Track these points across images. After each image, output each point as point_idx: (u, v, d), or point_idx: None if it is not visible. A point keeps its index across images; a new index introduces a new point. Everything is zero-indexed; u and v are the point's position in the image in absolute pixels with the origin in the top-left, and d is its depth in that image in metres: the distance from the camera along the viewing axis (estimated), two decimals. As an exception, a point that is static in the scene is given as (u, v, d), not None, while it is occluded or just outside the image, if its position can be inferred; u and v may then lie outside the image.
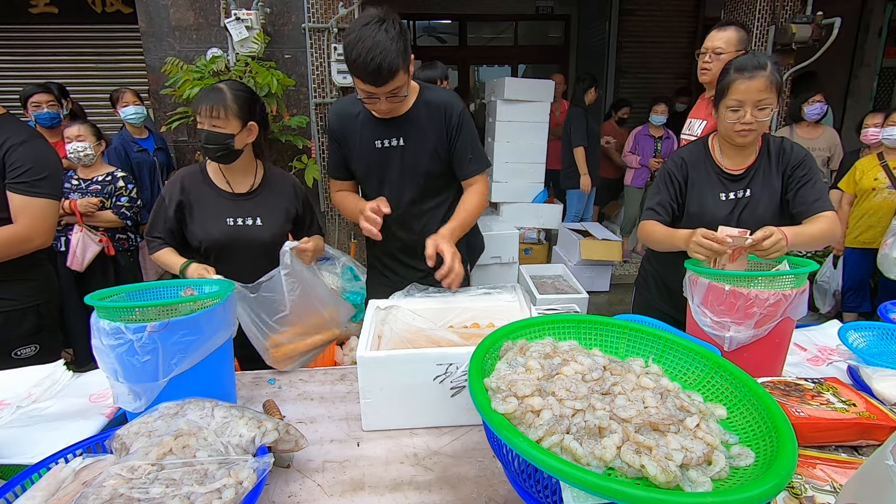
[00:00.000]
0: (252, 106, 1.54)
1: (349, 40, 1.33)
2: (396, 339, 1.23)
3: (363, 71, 1.33)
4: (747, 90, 1.42)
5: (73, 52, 4.98)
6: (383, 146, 1.59)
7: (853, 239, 3.42)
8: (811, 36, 3.90)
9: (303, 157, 3.78)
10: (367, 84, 1.36)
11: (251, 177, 1.63)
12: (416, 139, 1.58)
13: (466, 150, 1.60)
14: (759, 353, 1.22)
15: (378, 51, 1.29)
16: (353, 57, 1.32)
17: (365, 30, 1.30)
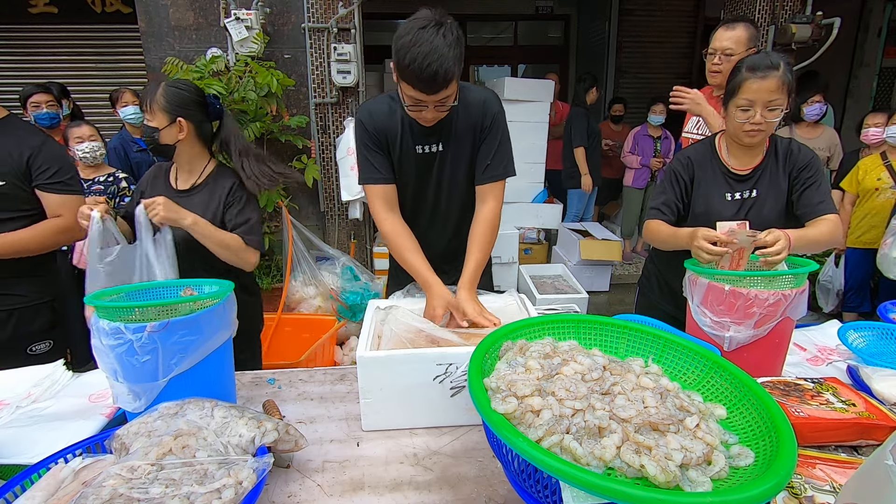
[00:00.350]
0: (185, 103, 1.54)
1: (403, 42, 1.22)
2: (396, 340, 1.23)
3: (416, 77, 1.23)
4: (759, 90, 1.40)
5: (73, 52, 4.99)
6: (423, 152, 1.50)
7: (855, 239, 3.41)
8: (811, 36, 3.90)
9: (302, 156, 3.78)
10: (418, 91, 1.26)
11: (195, 175, 1.63)
12: (455, 145, 1.50)
13: (489, 153, 1.51)
14: (759, 353, 1.22)
15: (435, 56, 1.20)
16: (408, 61, 1.21)
17: (422, 33, 1.20)
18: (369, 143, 1.48)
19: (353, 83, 3.78)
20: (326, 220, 4.16)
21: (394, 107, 1.47)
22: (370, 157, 1.49)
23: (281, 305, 3.30)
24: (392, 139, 1.48)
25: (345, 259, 3.65)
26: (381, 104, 1.49)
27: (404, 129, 1.47)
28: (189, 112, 1.55)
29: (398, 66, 1.25)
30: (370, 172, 1.50)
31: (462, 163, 1.52)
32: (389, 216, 1.52)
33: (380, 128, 1.47)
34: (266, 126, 3.55)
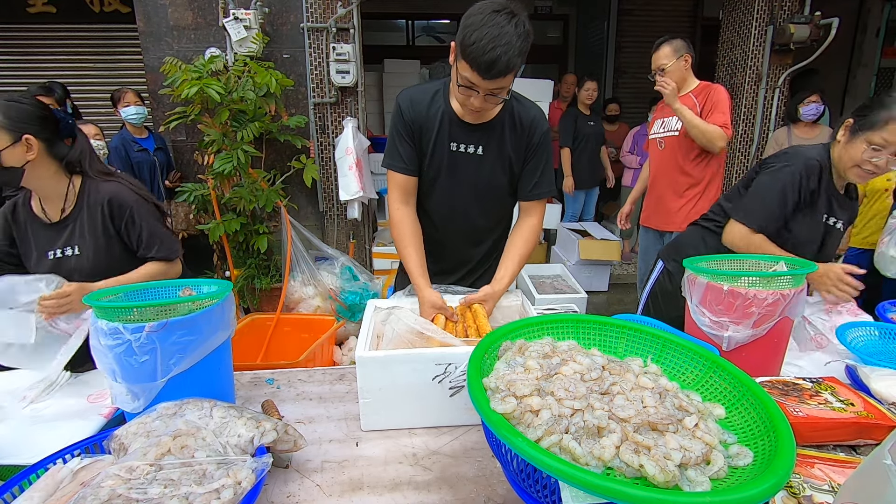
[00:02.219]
0: (28, 118, 1.34)
1: (473, 21, 1.19)
2: (398, 340, 1.23)
3: (478, 57, 1.18)
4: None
5: (72, 51, 4.98)
6: (458, 150, 1.46)
7: (861, 239, 3.39)
8: (809, 36, 3.90)
9: (301, 156, 3.78)
10: (475, 72, 1.21)
11: (61, 199, 1.44)
12: (496, 152, 1.46)
13: (536, 172, 1.49)
14: (758, 353, 1.22)
15: (502, 41, 1.17)
16: (473, 40, 1.18)
17: (495, 17, 1.18)
18: (402, 131, 1.45)
19: (352, 83, 3.78)
20: (325, 220, 4.15)
21: (438, 98, 1.44)
22: (399, 146, 1.46)
23: (280, 305, 3.30)
24: (427, 132, 1.45)
25: (344, 259, 3.64)
26: (425, 94, 1.46)
27: (442, 124, 1.44)
28: (35, 128, 1.35)
29: (461, 44, 1.21)
30: (395, 160, 1.48)
31: (501, 173, 1.49)
32: (402, 207, 1.50)
33: (417, 118, 1.44)
34: (265, 126, 3.55)
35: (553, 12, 7.23)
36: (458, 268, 1.65)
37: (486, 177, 1.49)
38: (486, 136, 1.44)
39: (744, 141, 4.31)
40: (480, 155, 1.46)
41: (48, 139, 1.39)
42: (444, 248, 1.61)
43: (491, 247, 1.65)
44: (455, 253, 1.62)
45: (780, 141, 3.93)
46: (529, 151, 1.47)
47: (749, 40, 4.11)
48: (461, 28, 1.22)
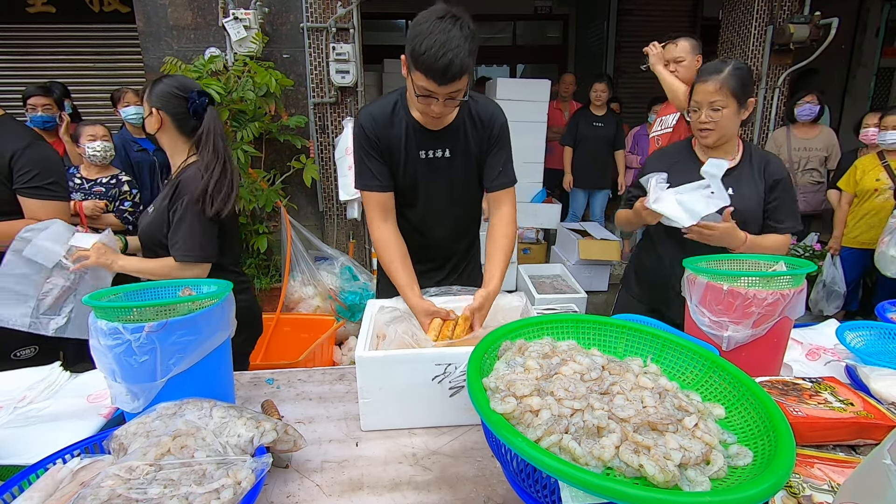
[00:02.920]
0: (163, 96, 1.56)
1: (419, 31, 1.21)
2: (399, 341, 1.23)
3: (430, 66, 1.21)
4: (701, 91, 1.55)
5: (71, 51, 4.98)
6: (428, 157, 1.49)
7: (852, 239, 3.41)
8: (809, 36, 3.90)
9: (301, 156, 3.78)
10: (430, 80, 1.24)
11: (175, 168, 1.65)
12: (463, 151, 1.51)
13: (498, 163, 1.54)
14: (758, 353, 1.22)
15: (451, 46, 1.19)
16: (423, 49, 1.20)
17: (440, 23, 1.20)
18: (369, 150, 1.47)
19: (352, 83, 3.78)
20: (325, 219, 4.15)
21: (399, 110, 1.46)
22: (369, 164, 1.47)
23: (279, 305, 3.30)
24: (395, 145, 1.47)
25: (343, 259, 3.65)
26: (384, 108, 1.47)
27: (408, 135, 1.46)
28: (166, 104, 1.55)
29: (412, 55, 1.23)
30: (368, 179, 1.49)
31: (471, 170, 1.55)
32: (383, 225, 1.51)
33: (382, 134, 1.45)
34: (265, 126, 3.55)
35: (553, 12, 7.23)
36: (445, 264, 1.72)
37: (458, 176, 1.55)
38: (451, 138, 1.49)
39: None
40: (449, 157, 1.51)
41: (177, 115, 1.57)
42: (430, 249, 1.66)
43: (471, 239, 1.74)
44: (440, 251, 1.69)
45: (778, 141, 3.94)
46: (491, 144, 1.52)
47: (749, 40, 4.11)
48: (409, 39, 1.24)
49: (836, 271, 3.57)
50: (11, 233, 1.57)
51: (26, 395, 1.23)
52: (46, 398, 1.23)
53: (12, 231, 1.57)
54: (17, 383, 1.28)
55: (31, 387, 1.26)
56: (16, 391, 1.25)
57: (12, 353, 1.62)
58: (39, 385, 1.27)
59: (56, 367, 1.35)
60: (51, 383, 1.29)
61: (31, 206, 1.59)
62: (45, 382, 1.28)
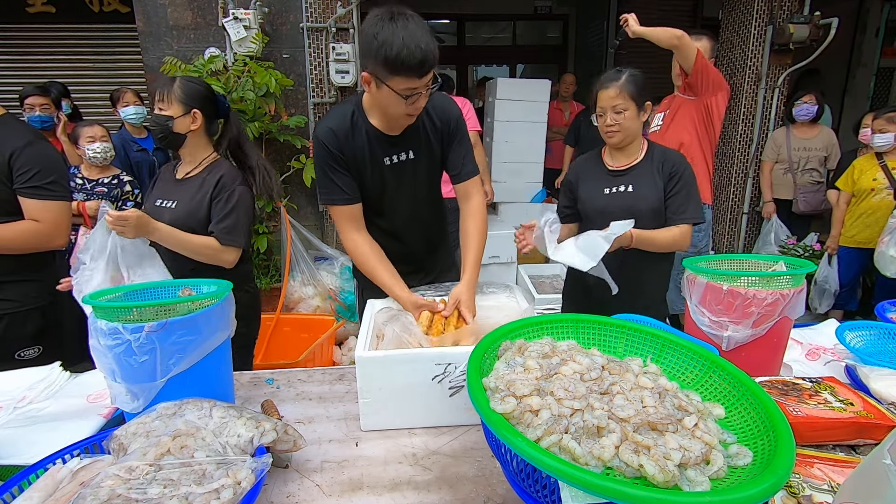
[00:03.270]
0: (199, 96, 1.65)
1: (384, 38, 1.22)
2: (398, 341, 1.23)
3: (411, 62, 1.23)
4: (604, 98, 1.68)
5: (71, 51, 4.97)
6: (393, 162, 1.50)
7: (849, 238, 3.42)
8: (809, 36, 3.90)
9: (301, 156, 3.77)
10: (412, 76, 1.26)
11: (193, 165, 1.71)
12: (426, 151, 1.53)
13: (460, 155, 1.56)
14: (757, 353, 1.22)
15: (418, 36, 1.23)
16: (397, 50, 1.21)
17: (392, 25, 1.23)
18: (334, 165, 1.45)
19: (352, 83, 3.78)
20: (325, 219, 4.15)
21: (357, 120, 1.45)
22: (335, 179, 1.46)
23: (279, 305, 3.29)
24: (360, 156, 1.47)
25: (343, 259, 3.64)
26: (342, 121, 1.45)
27: (371, 143, 1.46)
28: (202, 105, 1.66)
29: (388, 62, 1.24)
30: (336, 194, 1.48)
31: (434, 166, 1.57)
32: (357, 235, 1.52)
33: (345, 148, 1.45)
34: (264, 126, 3.54)
35: (552, 12, 7.22)
36: (422, 266, 1.74)
37: (424, 176, 1.57)
38: (413, 140, 1.50)
39: (743, 140, 4.31)
40: (413, 159, 1.52)
41: (208, 117, 1.69)
42: (408, 252, 1.67)
43: (443, 233, 1.79)
44: (419, 252, 1.70)
45: (778, 141, 3.94)
46: (451, 138, 1.54)
47: (748, 40, 4.11)
48: (373, 51, 1.25)
49: (830, 270, 3.58)
50: (11, 235, 1.54)
51: (26, 395, 1.23)
52: (46, 398, 1.23)
53: (12, 233, 1.54)
54: (16, 383, 1.28)
55: (31, 387, 1.26)
56: (15, 391, 1.25)
57: (16, 354, 1.61)
58: (39, 385, 1.27)
59: (56, 367, 1.35)
60: (50, 383, 1.29)
61: (31, 206, 1.57)
62: (45, 382, 1.28)
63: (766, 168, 4.02)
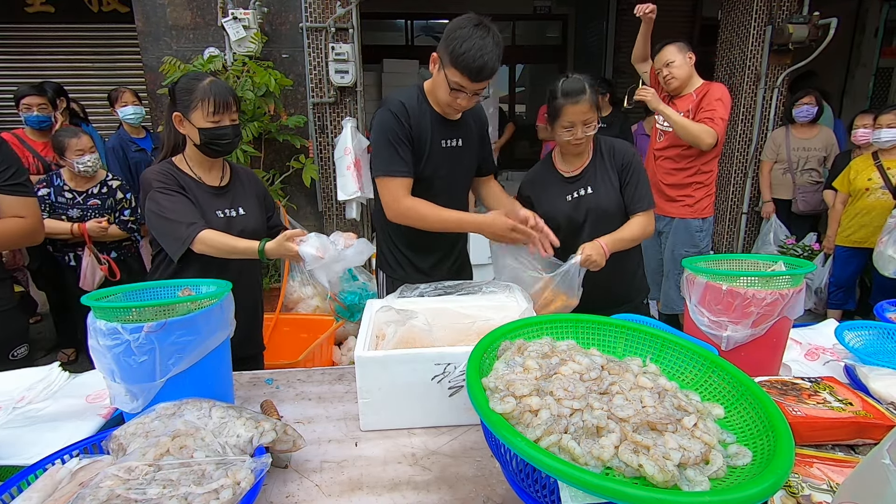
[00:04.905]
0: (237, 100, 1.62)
1: (461, 34, 1.40)
2: (397, 340, 1.23)
3: (470, 64, 1.40)
4: (574, 113, 1.64)
5: (70, 51, 4.97)
6: (447, 146, 1.64)
7: (845, 238, 3.43)
8: (808, 36, 3.91)
9: (300, 156, 3.77)
10: (465, 77, 1.42)
11: (218, 170, 1.64)
12: (470, 140, 1.69)
13: (489, 152, 1.79)
14: (757, 353, 1.22)
15: (487, 50, 1.40)
16: (462, 50, 1.39)
17: (477, 30, 1.40)
18: (402, 137, 1.55)
19: (351, 83, 3.78)
20: (324, 219, 4.15)
21: (423, 102, 1.59)
22: (400, 151, 1.55)
23: (279, 305, 3.29)
24: (424, 134, 1.59)
25: (343, 259, 3.63)
26: (412, 99, 1.58)
27: (433, 125, 1.60)
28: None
29: (451, 53, 1.41)
30: (399, 165, 1.56)
31: (475, 155, 1.74)
32: (413, 200, 1.59)
33: (415, 123, 1.56)
34: (264, 126, 3.54)
35: (552, 12, 7.22)
36: (452, 249, 1.83)
37: (468, 164, 1.74)
38: (463, 128, 1.66)
39: (742, 140, 4.31)
40: (462, 147, 1.67)
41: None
42: (441, 237, 1.72)
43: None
44: (449, 239, 1.78)
45: (777, 141, 3.95)
46: (482, 128, 1.75)
47: (748, 40, 4.11)
48: (448, 40, 1.42)
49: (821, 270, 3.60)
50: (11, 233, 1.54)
51: (25, 395, 1.23)
52: (45, 398, 1.23)
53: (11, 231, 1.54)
54: (15, 383, 1.28)
55: (30, 387, 1.26)
56: (14, 391, 1.25)
57: (10, 354, 1.61)
58: (38, 385, 1.27)
59: (55, 367, 1.35)
60: (50, 383, 1.29)
61: (13, 203, 1.55)
62: (44, 383, 1.28)
63: (765, 168, 4.02)
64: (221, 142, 1.52)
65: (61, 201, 2.77)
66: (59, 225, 2.74)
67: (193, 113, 1.48)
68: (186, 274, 1.51)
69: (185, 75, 1.59)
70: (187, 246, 1.42)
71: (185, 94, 1.49)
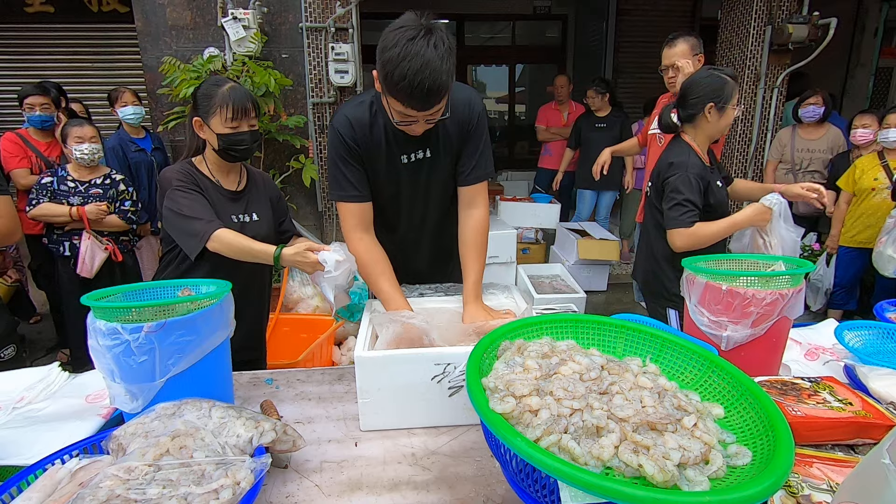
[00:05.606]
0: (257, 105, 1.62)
1: (391, 56, 1.12)
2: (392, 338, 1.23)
3: (407, 94, 1.14)
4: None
5: (70, 51, 4.97)
6: (410, 161, 1.42)
7: (849, 238, 3.42)
8: (808, 36, 3.91)
9: (300, 156, 3.77)
10: (408, 108, 1.18)
11: (236, 174, 1.64)
12: (443, 149, 1.42)
13: (473, 155, 1.43)
14: (756, 352, 1.22)
15: (427, 72, 1.10)
16: (397, 78, 1.12)
17: (411, 45, 1.10)
18: (347, 158, 1.38)
19: (351, 83, 3.78)
20: (324, 219, 4.15)
21: (376, 114, 1.37)
22: (347, 173, 1.39)
23: (279, 305, 3.29)
24: (375, 152, 1.39)
25: (343, 259, 3.63)
26: (361, 112, 1.37)
27: (388, 140, 1.38)
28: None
29: (386, 81, 1.16)
30: (345, 189, 1.40)
31: (448, 165, 1.46)
32: (364, 236, 1.43)
33: (361, 141, 1.37)
34: (263, 126, 3.54)
35: (551, 12, 7.23)
36: (434, 263, 1.69)
37: (440, 176, 1.47)
38: (431, 136, 1.39)
39: (742, 140, 4.32)
40: (430, 157, 1.43)
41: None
42: (419, 251, 1.63)
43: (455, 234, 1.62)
44: (430, 252, 1.66)
45: (783, 141, 3.94)
46: (468, 133, 1.42)
47: (747, 40, 4.12)
48: (380, 62, 1.15)
49: (826, 269, 3.60)
50: None
51: (24, 395, 1.23)
52: (45, 398, 1.23)
53: None
54: (15, 384, 1.28)
55: (30, 387, 1.26)
56: (14, 392, 1.24)
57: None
58: (38, 385, 1.27)
59: (54, 367, 1.35)
60: (49, 384, 1.29)
61: None
62: (44, 383, 1.28)
63: (769, 168, 4.01)
64: (239, 147, 1.52)
65: (63, 189, 2.79)
66: (57, 208, 2.73)
67: (212, 118, 1.48)
68: (196, 274, 1.52)
69: (206, 80, 1.58)
70: (205, 243, 1.40)
71: (206, 99, 1.50)
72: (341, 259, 1.33)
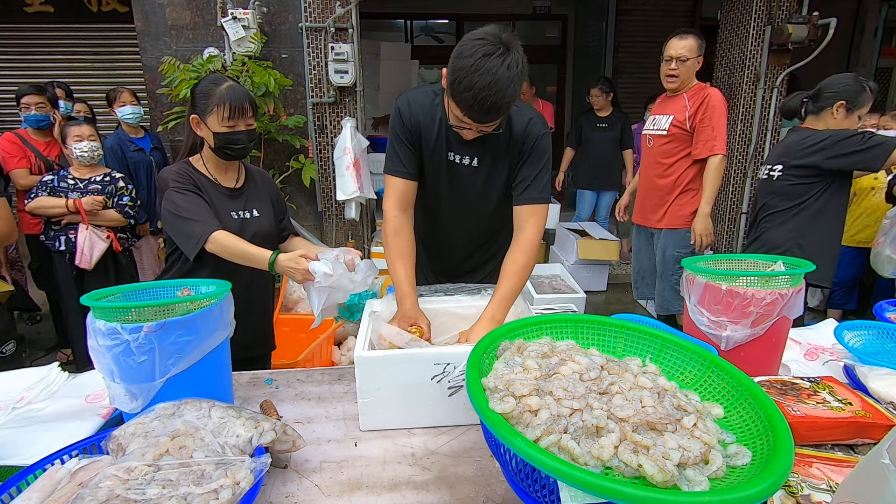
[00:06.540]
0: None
1: (463, 64, 1.14)
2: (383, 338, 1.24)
3: (468, 105, 1.18)
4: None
5: (69, 51, 4.97)
6: (454, 161, 1.45)
7: (849, 238, 3.42)
8: (807, 36, 3.91)
9: (300, 156, 3.77)
10: (468, 117, 1.22)
11: (234, 172, 1.64)
12: (491, 163, 1.44)
13: (529, 175, 1.41)
14: (756, 352, 1.22)
15: (493, 90, 1.13)
16: (464, 87, 1.15)
17: (486, 61, 1.13)
18: (400, 135, 1.43)
19: (351, 83, 3.78)
20: (324, 219, 4.15)
21: (436, 104, 1.42)
22: (398, 149, 1.44)
23: (279, 305, 3.29)
24: (426, 137, 1.43)
25: (342, 259, 3.63)
26: (423, 97, 1.43)
27: (440, 132, 1.42)
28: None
29: (452, 87, 1.19)
30: (394, 164, 1.45)
31: (497, 183, 1.47)
32: (399, 215, 1.45)
33: (416, 122, 1.42)
34: (263, 126, 3.54)
35: (551, 12, 7.23)
36: (462, 264, 1.69)
37: (481, 188, 1.48)
38: (483, 148, 1.42)
39: (742, 140, 4.32)
40: (476, 167, 1.44)
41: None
42: (454, 247, 1.63)
43: (496, 246, 1.64)
44: (466, 250, 1.66)
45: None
46: (522, 154, 1.43)
47: (747, 40, 4.12)
48: (452, 68, 1.18)
49: None
50: None
51: (24, 395, 1.23)
52: (45, 398, 1.23)
53: None
54: (14, 384, 1.28)
55: (30, 387, 1.26)
56: (13, 392, 1.24)
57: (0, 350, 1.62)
58: (38, 385, 1.27)
59: (54, 367, 1.35)
60: (49, 384, 1.29)
61: None
62: (44, 383, 1.28)
63: None
64: (235, 146, 1.52)
65: (62, 186, 2.81)
66: (54, 200, 2.74)
67: (210, 117, 1.48)
68: (199, 274, 1.52)
69: (204, 78, 1.57)
70: (202, 244, 1.41)
71: (203, 97, 1.49)
72: (329, 272, 1.33)
